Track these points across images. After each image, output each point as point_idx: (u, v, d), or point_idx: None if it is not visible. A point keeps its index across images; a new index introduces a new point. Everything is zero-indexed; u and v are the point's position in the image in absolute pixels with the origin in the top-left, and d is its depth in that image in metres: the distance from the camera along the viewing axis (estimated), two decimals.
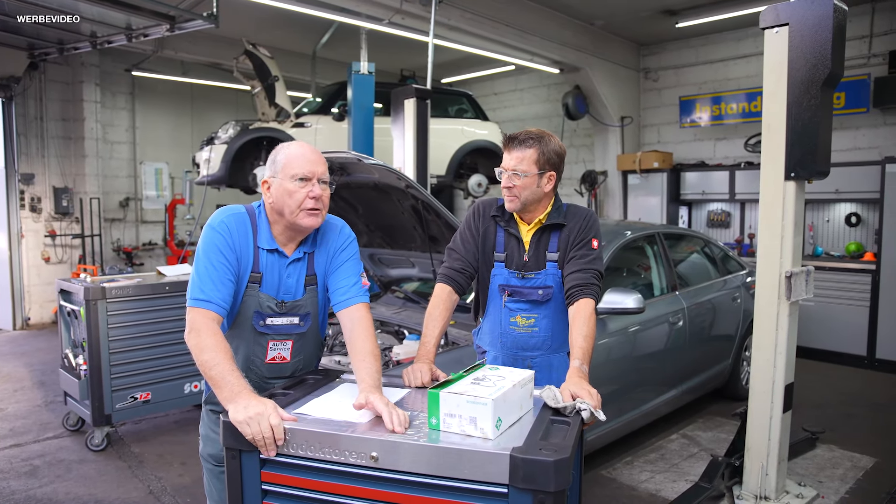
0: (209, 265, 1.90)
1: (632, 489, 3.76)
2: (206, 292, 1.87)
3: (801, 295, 3.40)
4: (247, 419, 1.61)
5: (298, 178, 1.93)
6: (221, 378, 1.73)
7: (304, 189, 1.93)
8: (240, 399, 1.67)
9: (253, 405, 1.64)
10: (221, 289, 1.89)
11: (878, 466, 4.03)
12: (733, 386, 5.18)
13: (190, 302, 1.88)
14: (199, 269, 1.91)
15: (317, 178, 1.95)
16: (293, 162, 1.94)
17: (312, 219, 1.96)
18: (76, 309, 4.22)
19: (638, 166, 8.46)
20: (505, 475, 1.42)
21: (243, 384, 1.72)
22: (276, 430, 1.59)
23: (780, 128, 3.28)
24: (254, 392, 1.72)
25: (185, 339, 1.85)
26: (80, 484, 3.73)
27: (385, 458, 1.51)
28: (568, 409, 1.72)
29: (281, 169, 1.95)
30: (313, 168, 1.95)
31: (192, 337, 1.83)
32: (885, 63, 6.80)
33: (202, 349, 1.79)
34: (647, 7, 7.42)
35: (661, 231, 4.83)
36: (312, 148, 2.02)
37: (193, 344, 1.82)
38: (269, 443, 1.60)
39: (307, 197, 1.93)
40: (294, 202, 1.94)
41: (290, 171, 1.94)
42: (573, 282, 2.18)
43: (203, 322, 1.83)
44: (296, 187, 1.93)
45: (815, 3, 3.15)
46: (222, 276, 1.90)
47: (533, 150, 2.21)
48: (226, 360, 1.76)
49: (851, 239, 7.05)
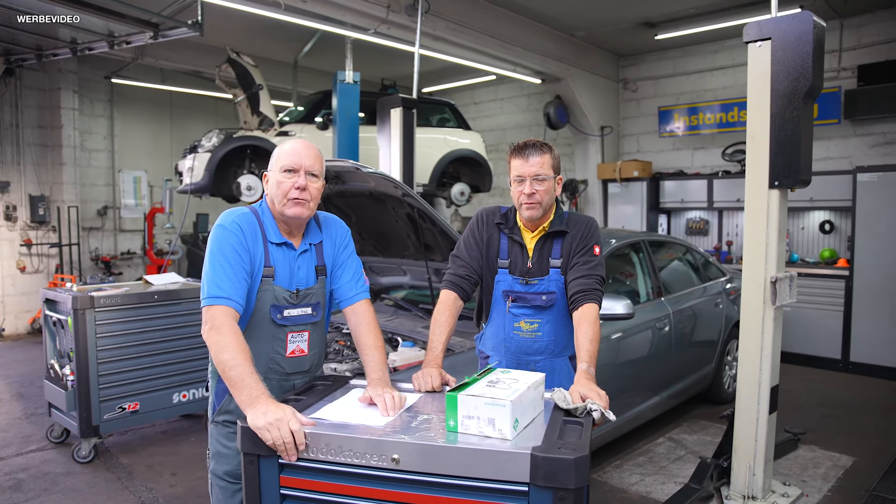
0: (224, 263, 1.94)
1: (623, 491, 3.83)
2: (224, 289, 1.90)
3: (786, 300, 3.52)
4: (266, 425, 1.62)
5: (286, 169, 2.03)
6: (241, 380, 1.75)
7: (291, 180, 2.03)
8: (258, 404, 1.69)
9: (272, 411, 1.65)
10: (237, 286, 1.93)
11: (857, 465, 4.16)
12: (716, 390, 5.30)
13: (207, 301, 1.90)
14: (213, 268, 1.94)
15: (304, 170, 2.04)
16: (283, 154, 2.07)
17: (297, 208, 2.03)
18: (63, 318, 4.16)
19: (618, 175, 8.61)
20: (526, 474, 1.46)
21: (262, 388, 1.74)
22: (297, 435, 1.61)
23: (764, 138, 3.40)
24: (272, 397, 1.74)
25: (204, 336, 1.87)
26: (68, 497, 3.66)
27: (406, 460, 1.55)
28: (579, 410, 1.77)
29: (274, 162, 2.07)
30: (300, 160, 2.04)
31: (213, 334, 1.84)
32: (854, 77, 7.06)
33: (223, 347, 1.81)
34: (627, 19, 7.59)
35: (646, 238, 4.93)
36: (306, 143, 2.11)
37: (214, 341, 1.83)
38: (290, 448, 1.61)
39: (292, 187, 2.02)
40: (281, 192, 2.03)
41: (279, 163, 2.05)
42: (577, 287, 2.23)
43: (223, 319, 1.86)
44: (283, 178, 2.03)
45: (796, 18, 3.28)
46: (238, 274, 1.94)
47: (549, 155, 2.28)
48: (246, 361, 1.79)
49: (825, 246, 7.26)
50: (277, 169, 2.05)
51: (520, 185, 2.29)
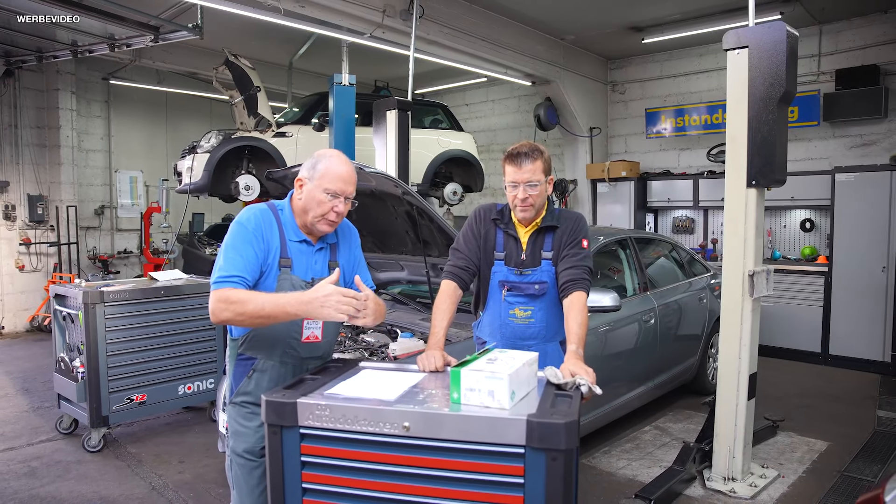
0: (235, 254, 2.09)
1: (611, 475, 4.04)
2: (233, 273, 2.06)
3: (763, 292, 3.74)
4: (318, 304, 1.93)
5: (331, 192, 2.14)
6: (275, 303, 1.98)
7: (331, 203, 2.15)
8: (303, 298, 1.96)
9: (313, 294, 1.96)
10: (247, 270, 2.09)
11: (831, 449, 4.40)
12: (700, 381, 5.52)
13: (217, 283, 2.05)
14: (226, 257, 2.09)
15: (345, 195, 2.18)
16: (330, 176, 2.14)
17: (328, 227, 2.21)
18: (73, 313, 4.32)
19: (606, 175, 8.85)
20: (522, 437, 1.66)
21: (292, 294, 2.00)
22: (344, 294, 1.94)
23: (742, 140, 3.62)
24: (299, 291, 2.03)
25: (217, 313, 2.02)
26: (81, 483, 3.83)
27: (416, 427, 1.73)
28: (568, 385, 1.96)
29: (318, 177, 2.15)
30: (345, 187, 2.17)
31: (233, 308, 1.99)
32: (833, 80, 7.32)
33: (244, 302, 1.98)
34: (614, 24, 7.83)
35: (633, 236, 5.15)
36: (351, 167, 2.22)
37: (233, 311, 1.99)
38: (354, 304, 1.94)
39: (331, 210, 2.16)
40: (319, 211, 2.16)
41: (324, 183, 2.14)
42: (567, 277, 2.44)
43: (232, 291, 2.02)
44: (325, 198, 2.14)
45: (771, 28, 3.51)
46: (249, 260, 2.10)
47: (540, 161, 2.47)
48: (264, 295, 2.02)
49: (806, 243, 7.52)
50: (320, 187, 2.13)
51: (514, 189, 2.49)
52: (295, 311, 1.98)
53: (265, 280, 2.18)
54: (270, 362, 2.23)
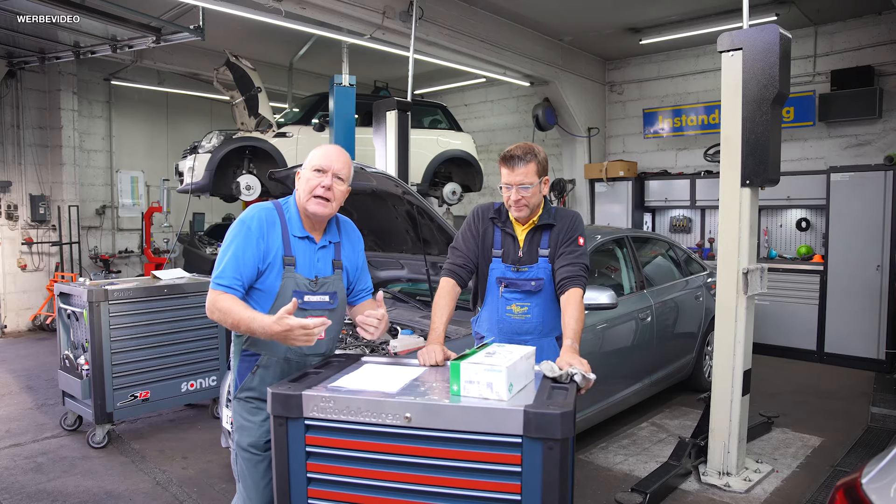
0: (233, 257, 2.18)
1: (608, 470, 4.10)
2: (227, 277, 2.17)
3: (757, 289, 3.81)
4: (280, 332, 2.03)
5: (316, 168, 2.26)
6: (248, 325, 2.09)
7: (318, 179, 2.25)
8: (271, 328, 2.05)
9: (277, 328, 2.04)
10: (242, 273, 2.19)
11: (825, 445, 4.47)
12: (697, 378, 5.59)
13: (213, 284, 2.18)
14: (224, 259, 2.18)
15: (332, 171, 2.26)
16: (316, 156, 2.29)
17: (319, 207, 2.26)
18: (77, 311, 4.38)
19: (604, 175, 8.91)
20: (520, 427, 1.72)
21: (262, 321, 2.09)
22: (301, 324, 2.01)
23: (736, 141, 3.69)
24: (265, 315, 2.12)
25: (210, 316, 2.18)
26: (87, 478, 3.89)
27: (417, 418, 1.80)
28: (563, 377, 2.03)
29: (307, 162, 2.30)
30: (330, 163, 2.27)
31: (217, 314, 2.15)
32: (828, 81, 7.39)
33: (225, 314, 2.13)
34: (612, 25, 7.90)
35: (630, 235, 5.21)
36: (339, 148, 2.35)
37: (218, 317, 2.15)
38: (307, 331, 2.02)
39: (319, 185, 2.24)
40: (308, 188, 2.26)
41: (312, 162, 2.28)
42: (564, 274, 2.51)
43: (223, 301, 2.15)
44: (312, 176, 2.26)
45: (764, 31, 3.57)
46: (245, 263, 2.19)
47: (533, 164, 2.53)
48: (242, 312, 2.12)
49: (802, 242, 7.59)
50: (309, 167, 2.26)
51: (508, 191, 2.58)
52: (263, 337, 2.11)
53: (268, 278, 2.23)
54: (274, 358, 2.29)
